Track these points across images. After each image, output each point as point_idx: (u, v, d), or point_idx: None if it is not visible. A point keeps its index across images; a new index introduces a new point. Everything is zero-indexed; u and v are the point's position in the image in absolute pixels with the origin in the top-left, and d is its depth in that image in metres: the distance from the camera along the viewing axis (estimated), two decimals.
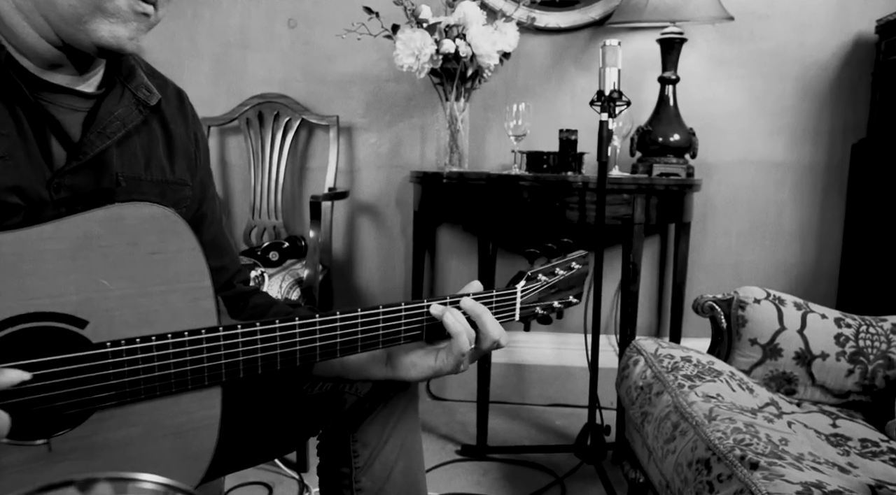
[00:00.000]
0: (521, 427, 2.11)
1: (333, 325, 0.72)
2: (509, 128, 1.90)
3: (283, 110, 2.24)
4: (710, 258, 2.29)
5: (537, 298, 0.89)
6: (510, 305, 0.86)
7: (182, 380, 0.63)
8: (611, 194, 1.74)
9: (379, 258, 2.40)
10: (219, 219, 0.94)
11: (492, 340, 0.79)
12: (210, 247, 0.86)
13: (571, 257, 0.94)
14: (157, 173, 0.80)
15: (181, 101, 0.88)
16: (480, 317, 0.78)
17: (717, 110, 2.21)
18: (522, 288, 0.87)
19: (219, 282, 0.88)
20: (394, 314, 0.76)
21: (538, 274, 0.89)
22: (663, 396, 1.29)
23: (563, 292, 0.93)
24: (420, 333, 0.79)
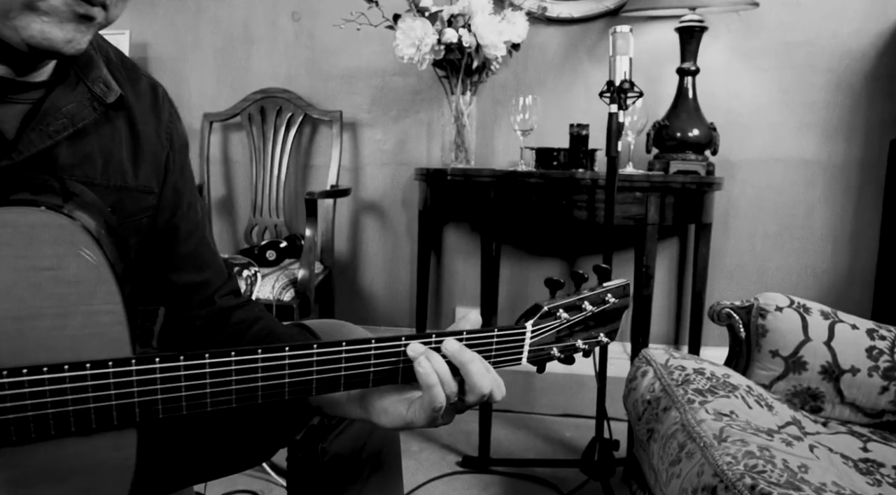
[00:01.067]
0: (528, 438, 2.01)
1: (281, 363, 0.60)
2: (515, 122, 1.80)
3: (286, 105, 2.17)
4: (733, 262, 2.15)
5: (554, 338, 0.73)
6: (515, 348, 0.70)
7: (82, 419, 0.54)
8: (622, 192, 1.62)
9: (384, 259, 2.32)
10: (200, 231, 0.82)
11: (479, 394, 0.64)
12: (188, 260, 0.80)
13: (607, 288, 0.76)
14: (115, 178, 0.71)
15: (155, 98, 0.77)
16: (465, 366, 0.63)
17: (741, 105, 2.07)
18: (534, 326, 0.71)
19: (199, 298, 0.81)
20: (360, 353, 0.63)
21: (558, 309, 0.72)
22: (671, 412, 1.17)
23: (592, 330, 0.76)
24: (394, 375, 0.65)
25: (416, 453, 1.87)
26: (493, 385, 0.65)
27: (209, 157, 2.23)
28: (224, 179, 2.35)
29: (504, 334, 0.69)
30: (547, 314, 0.72)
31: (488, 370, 0.65)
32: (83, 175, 0.67)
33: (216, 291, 0.82)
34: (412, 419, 0.65)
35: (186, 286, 0.79)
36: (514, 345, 0.70)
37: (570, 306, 0.74)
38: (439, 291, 2.31)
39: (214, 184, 2.33)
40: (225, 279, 0.85)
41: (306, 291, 1.73)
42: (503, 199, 1.71)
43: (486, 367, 0.65)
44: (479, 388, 0.64)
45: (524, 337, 0.71)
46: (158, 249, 0.77)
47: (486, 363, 0.66)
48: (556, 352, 0.74)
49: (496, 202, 1.71)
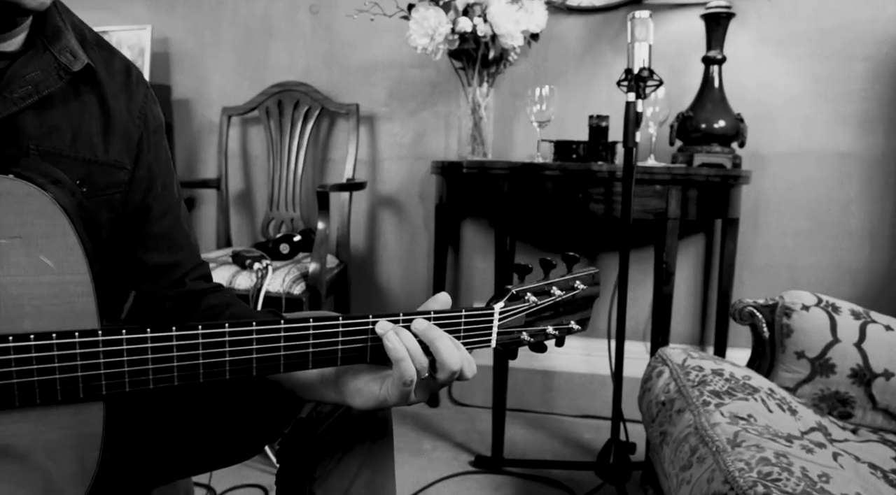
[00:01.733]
0: (545, 438, 1.95)
1: (248, 337, 0.59)
2: (532, 113, 1.75)
3: (303, 99, 2.16)
4: (762, 260, 2.06)
5: (523, 322, 0.73)
6: (484, 329, 0.70)
7: (48, 391, 0.53)
8: (640, 185, 1.56)
9: (401, 254, 2.29)
10: (174, 212, 0.83)
11: (449, 371, 0.64)
12: (160, 241, 0.80)
13: (576, 275, 0.78)
14: (84, 151, 0.71)
15: (128, 77, 0.78)
16: (434, 343, 0.63)
17: (771, 95, 1.98)
18: (502, 308, 0.71)
19: (169, 279, 0.80)
20: (328, 329, 0.63)
21: (526, 292, 0.73)
22: (684, 415, 1.11)
23: (562, 316, 0.77)
24: (362, 354, 0.65)
25: (429, 451, 1.83)
26: (464, 362, 0.65)
27: (227, 151, 2.23)
28: (243, 173, 2.36)
29: (473, 315, 0.69)
30: (515, 297, 0.72)
31: (458, 347, 0.65)
32: (50, 145, 0.67)
33: (187, 274, 0.82)
34: (385, 397, 0.65)
35: (157, 267, 0.79)
36: (482, 326, 0.70)
37: (539, 291, 0.74)
38: (457, 288, 2.27)
39: (233, 179, 2.34)
40: (197, 263, 0.84)
41: (317, 285, 1.71)
42: (517, 192, 1.66)
43: (456, 345, 0.65)
44: (448, 365, 0.63)
45: (492, 318, 0.71)
46: (130, 228, 0.77)
47: (455, 340, 0.66)
48: (526, 337, 0.74)
49: (510, 195, 1.66)
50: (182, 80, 2.35)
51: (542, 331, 0.76)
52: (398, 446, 1.88)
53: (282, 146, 2.16)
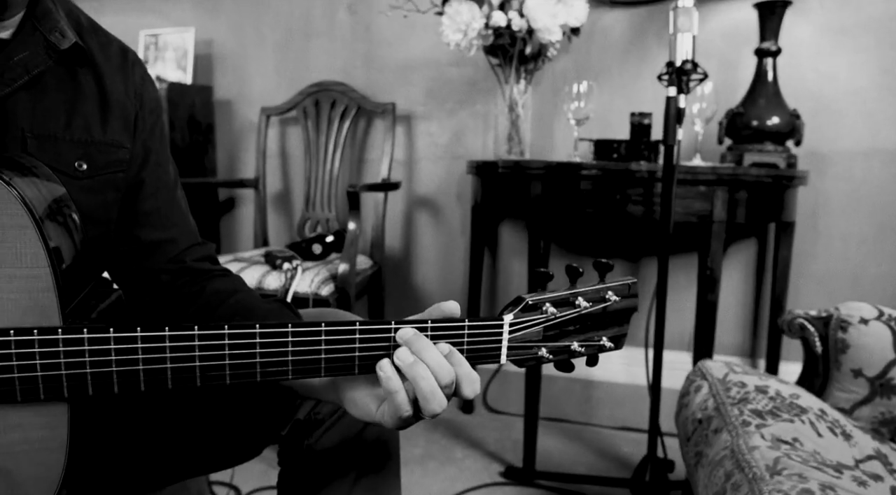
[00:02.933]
0: (581, 451, 1.87)
1: (220, 343, 0.55)
2: (569, 110, 1.67)
3: (340, 98, 2.15)
4: (821, 268, 1.91)
5: (541, 336, 0.64)
6: (491, 342, 0.62)
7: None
8: (683, 186, 1.46)
9: (437, 256, 2.25)
10: (168, 190, 0.83)
11: (441, 384, 0.56)
12: (153, 216, 0.79)
13: (608, 285, 0.68)
14: (79, 132, 0.71)
15: (124, 60, 0.78)
16: (420, 354, 0.56)
17: (832, 89, 1.84)
18: (514, 319, 0.63)
19: (166, 256, 0.79)
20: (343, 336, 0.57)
21: (544, 302, 0.64)
22: (721, 435, 1.02)
23: (590, 332, 0.68)
24: (350, 366, 0.59)
25: (460, 460, 1.78)
26: (460, 377, 0.58)
27: (266, 151, 2.24)
28: (281, 174, 2.37)
29: (477, 326, 0.61)
30: (531, 307, 0.63)
31: (457, 362, 0.58)
32: (44, 129, 0.67)
33: (185, 251, 0.81)
34: (380, 419, 0.60)
35: (152, 243, 0.79)
36: (489, 339, 0.62)
37: (560, 301, 0.65)
38: (494, 292, 2.21)
39: (271, 179, 2.35)
40: (196, 242, 0.83)
41: (346, 286, 1.69)
42: (552, 193, 1.59)
43: (454, 359, 0.58)
44: (439, 379, 0.56)
45: (501, 330, 0.62)
46: (126, 204, 0.77)
47: (451, 353, 0.58)
48: (545, 353, 0.65)
49: (544, 196, 1.59)
50: (224, 81, 2.38)
51: (565, 348, 0.66)
52: (429, 453, 1.84)
53: (318, 146, 2.16)
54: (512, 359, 0.65)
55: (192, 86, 2.27)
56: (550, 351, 0.65)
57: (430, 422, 1.99)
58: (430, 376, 0.57)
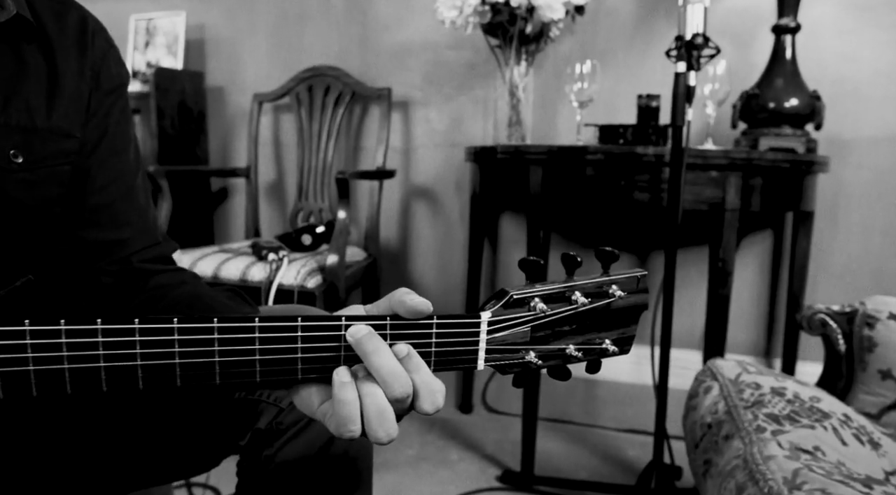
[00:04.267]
0: (583, 453, 1.77)
1: (129, 339, 0.45)
2: (572, 92, 1.57)
3: (334, 83, 2.06)
4: (841, 261, 1.79)
5: (528, 337, 0.54)
6: (465, 343, 0.52)
7: None
8: (693, 171, 1.36)
9: (435, 247, 2.15)
10: (124, 182, 0.72)
11: (392, 397, 0.47)
12: (103, 213, 0.68)
13: (612, 278, 0.57)
14: (19, 117, 0.61)
15: (82, 32, 0.68)
16: (368, 358, 0.47)
17: (855, 70, 1.72)
18: (493, 318, 0.52)
19: (110, 258, 0.69)
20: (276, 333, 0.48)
21: (532, 297, 0.53)
22: (733, 442, 0.92)
23: (590, 333, 0.57)
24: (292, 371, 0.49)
25: (455, 463, 1.69)
26: (419, 387, 0.48)
27: (258, 139, 2.16)
28: (275, 162, 2.28)
29: (448, 324, 0.51)
30: (516, 302, 0.52)
31: (415, 368, 0.48)
32: None
33: (135, 253, 0.70)
34: (322, 421, 0.50)
35: (98, 244, 0.68)
36: (462, 340, 0.51)
37: (553, 296, 0.54)
38: (494, 285, 2.11)
39: (264, 167, 2.27)
40: (152, 242, 0.72)
41: (335, 279, 1.60)
42: (553, 179, 1.49)
43: (413, 365, 0.48)
44: (390, 391, 0.47)
45: (478, 330, 0.51)
46: (69, 198, 0.67)
47: (409, 356, 0.48)
48: (534, 358, 0.54)
49: (545, 182, 1.49)
50: (216, 67, 2.30)
51: (558, 352, 0.55)
52: (423, 455, 1.75)
53: (311, 133, 2.07)
54: (492, 365, 0.53)
55: (183, 72, 2.19)
56: (540, 355, 0.54)
57: (425, 421, 1.90)
58: (379, 392, 0.47)
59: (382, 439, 0.47)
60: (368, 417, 0.47)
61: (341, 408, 0.47)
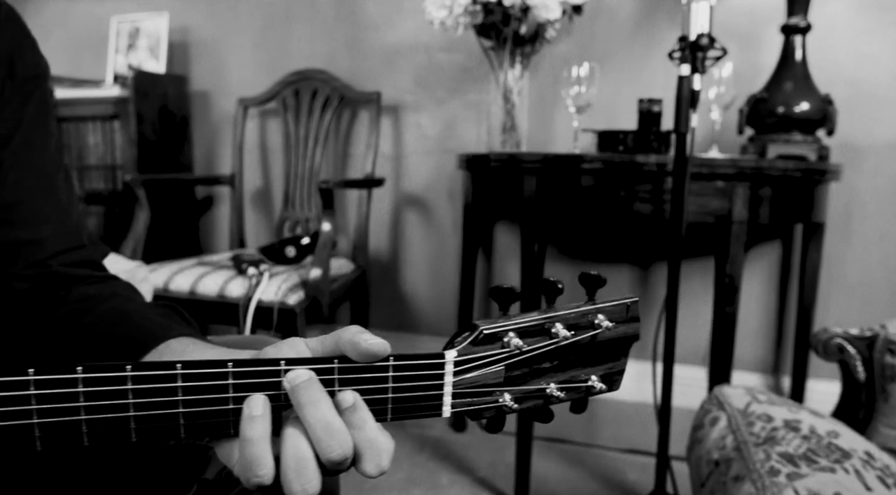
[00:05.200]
0: (582, 477, 1.68)
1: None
2: (568, 96, 1.48)
3: (322, 87, 1.97)
4: (855, 275, 1.70)
5: (501, 378, 0.47)
6: (427, 387, 0.44)
7: None
8: (698, 181, 1.27)
9: (428, 258, 2.06)
10: (41, 177, 0.65)
11: (326, 460, 0.39)
12: (13, 211, 0.61)
13: (598, 306, 0.50)
14: None
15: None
16: (301, 409, 0.40)
17: (871, 73, 1.63)
18: (462, 355, 0.45)
19: (24, 261, 0.61)
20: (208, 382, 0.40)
21: (507, 332, 0.46)
22: (743, 486, 0.83)
23: (574, 369, 0.50)
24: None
25: (445, 487, 1.60)
26: (365, 448, 0.41)
27: (244, 146, 2.07)
28: (261, 170, 2.20)
29: (407, 365, 0.43)
30: (487, 338, 0.45)
31: (359, 424, 0.41)
32: None
33: (54, 256, 0.62)
34: (233, 466, 0.42)
35: (10, 245, 0.61)
36: (424, 383, 0.44)
37: (530, 329, 0.47)
38: (489, 299, 2.02)
39: (251, 175, 2.18)
40: (74, 245, 0.64)
41: (318, 294, 1.51)
42: (548, 189, 1.40)
43: (357, 420, 0.41)
44: (325, 452, 0.39)
45: (442, 371, 0.44)
46: None
47: (355, 408, 0.41)
48: (509, 401, 0.47)
49: (539, 192, 1.41)
50: (201, 71, 2.22)
51: (536, 393, 0.49)
52: (412, 478, 1.65)
53: (298, 139, 1.98)
54: (460, 411, 0.46)
55: (165, 75, 2.10)
56: (516, 397, 0.48)
57: (416, 441, 1.81)
58: (305, 446, 0.40)
59: (296, 494, 0.39)
60: (286, 465, 0.39)
61: (247, 448, 0.39)
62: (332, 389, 0.41)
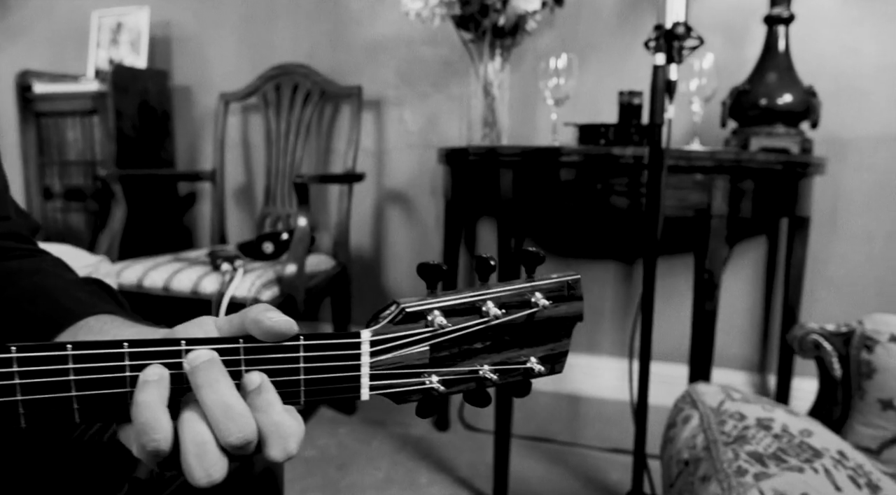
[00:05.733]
0: (564, 476, 1.65)
1: None
2: (546, 88, 1.45)
3: (302, 82, 1.94)
4: (840, 272, 1.67)
5: (427, 358, 0.44)
6: (343, 368, 0.42)
7: None
8: (676, 174, 1.24)
9: (410, 254, 2.04)
10: None
11: (226, 442, 0.37)
12: None
13: (535, 284, 0.47)
14: None
15: None
16: (199, 391, 0.37)
17: (856, 64, 1.60)
18: (379, 334, 0.42)
19: None
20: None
21: (431, 310, 0.43)
22: (710, 486, 0.80)
23: (509, 350, 0.48)
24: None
25: (423, 487, 1.57)
26: (271, 431, 0.38)
27: (225, 141, 2.04)
28: (243, 165, 2.17)
29: (320, 345, 0.41)
30: (409, 317, 0.43)
31: (264, 406, 0.38)
32: None
33: None
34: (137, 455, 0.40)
35: None
36: (339, 364, 0.42)
37: (457, 308, 0.44)
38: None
39: (233, 171, 2.16)
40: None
41: (293, 291, 1.48)
42: (525, 183, 1.38)
43: (262, 403, 0.38)
44: (224, 435, 0.37)
45: (359, 351, 0.42)
46: None
47: (261, 390, 0.39)
48: (436, 383, 0.45)
49: (516, 186, 1.38)
50: (183, 66, 2.19)
51: (468, 375, 0.46)
52: (391, 478, 1.63)
53: (279, 134, 1.96)
54: (382, 393, 0.44)
55: (145, 70, 2.08)
56: (445, 380, 0.45)
57: (397, 440, 1.78)
58: (204, 430, 0.37)
59: (199, 480, 0.37)
60: (185, 449, 0.37)
61: (141, 413, 0.36)
62: (238, 369, 0.39)
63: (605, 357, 1.88)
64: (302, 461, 1.66)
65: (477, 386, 0.47)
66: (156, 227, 2.11)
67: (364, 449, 1.74)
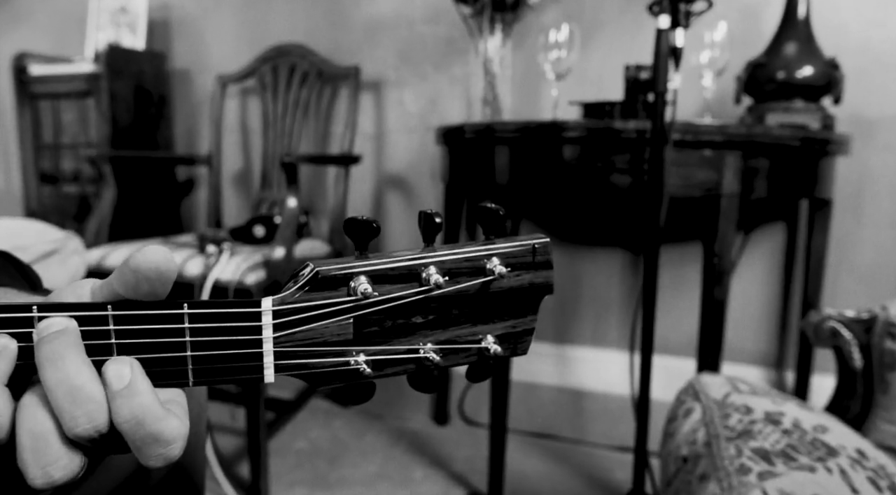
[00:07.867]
0: (566, 474, 1.56)
1: None
2: (546, 62, 1.36)
3: (300, 63, 1.88)
4: (866, 259, 1.56)
5: (350, 334, 0.36)
6: (238, 343, 0.34)
7: None
8: (682, 149, 1.15)
9: (409, 240, 1.97)
10: None
11: (72, 431, 0.30)
12: None
13: (493, 248, 0.38)
14: None
15: None
16: (42, 371, 0.30)
17: (883, 37, 1.49)
18: (281, 306, 0.34)
19: None
20: None
21: (355, 275, 0.35)
22: (709, 485, 0.72)
23: (461, 326, 0.39)
24: None
25: (417, 482, 1.50)
26: (133, 425, 0.30)
27: (222, 124, 1.99)
28: (241, 149, 2.12)
29: (210, 315, 0.33)
30: (325, 282, 0.35)
31: (131, 393, 0.31)
32: None
33: None
34: None
35: None
36: (233, 338, 0.34)
37: (390, 273, 0.36)
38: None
39: (231, 155, 2.10)
40: None
41: (279, 275, 1.42)
42: (521, 161, 1.29)
43: (132, 389, 0.31)
44: (68, 422, 0.30)
45: (259, 323, 0.34)
46: None
47: (131, 375, 0.31)
48: (364, 365, 0.37)
49: (513, 164, 1.30)
50: (182, 48, 2.14)
51: (405, 356, 0.38)
52: (384, 473, 1.56)
53: (276, 116, 1.90)
54: (293, 374, 0.36)
55: (141, 52, 2.03)
56: (375, 361, 0.37)
57: (393, 434, 1.71)
58: (44, 417, 0.30)
59: (35, 479, 0.29)
60: (19, 442, 0.30)
61: None
62: (108, 342, 0.32)
63: (612, 350, 1.79)
64: (292, 453, 1.60)
65: (417, 368, 0.38)
66: (150, 212, 2.06)
67: (357, 443, 1.67)
